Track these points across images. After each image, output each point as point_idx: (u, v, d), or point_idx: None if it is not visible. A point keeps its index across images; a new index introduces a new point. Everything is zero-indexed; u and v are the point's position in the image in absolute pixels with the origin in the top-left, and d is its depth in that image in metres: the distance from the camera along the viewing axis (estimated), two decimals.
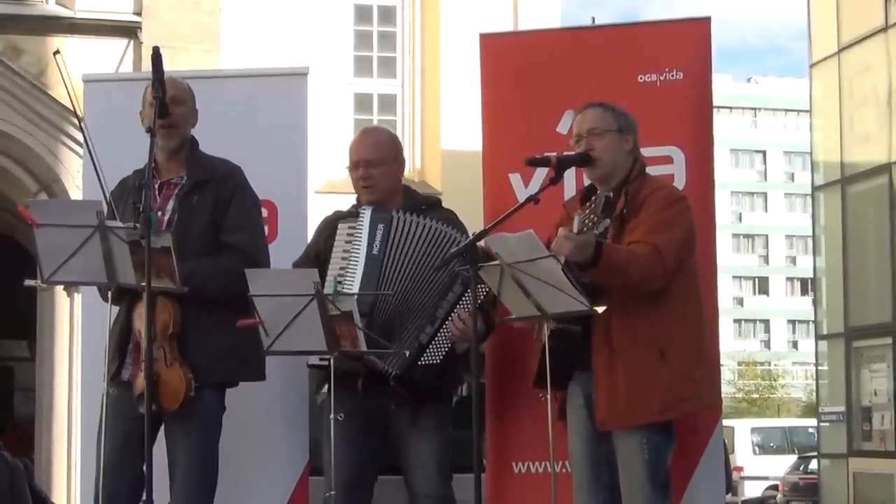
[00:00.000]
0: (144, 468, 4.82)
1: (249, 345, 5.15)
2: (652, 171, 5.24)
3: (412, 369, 5.30)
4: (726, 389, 47.30)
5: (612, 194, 4.91)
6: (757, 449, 28.14)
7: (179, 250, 4.86)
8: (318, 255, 5.50)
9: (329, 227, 5.58)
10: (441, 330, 5.32)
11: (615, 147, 5.07)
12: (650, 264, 4.79)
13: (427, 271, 5.34)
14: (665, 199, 5.00)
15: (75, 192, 12.75)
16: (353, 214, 5.52)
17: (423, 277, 5.35)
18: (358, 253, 5.36)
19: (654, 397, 4.87)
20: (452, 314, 5.30)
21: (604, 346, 4.91)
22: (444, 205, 5.72)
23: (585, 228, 4.60)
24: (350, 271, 5.33)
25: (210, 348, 5.11)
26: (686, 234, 4.99)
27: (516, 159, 5.47)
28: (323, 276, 5.15)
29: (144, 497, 4.78)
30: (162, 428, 5.18)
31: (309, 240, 5.81)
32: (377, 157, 5.52)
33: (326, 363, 5.08)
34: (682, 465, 5.38)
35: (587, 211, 4.64)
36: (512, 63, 6.05)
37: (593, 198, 4.77)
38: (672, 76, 5.83)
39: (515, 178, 5.85)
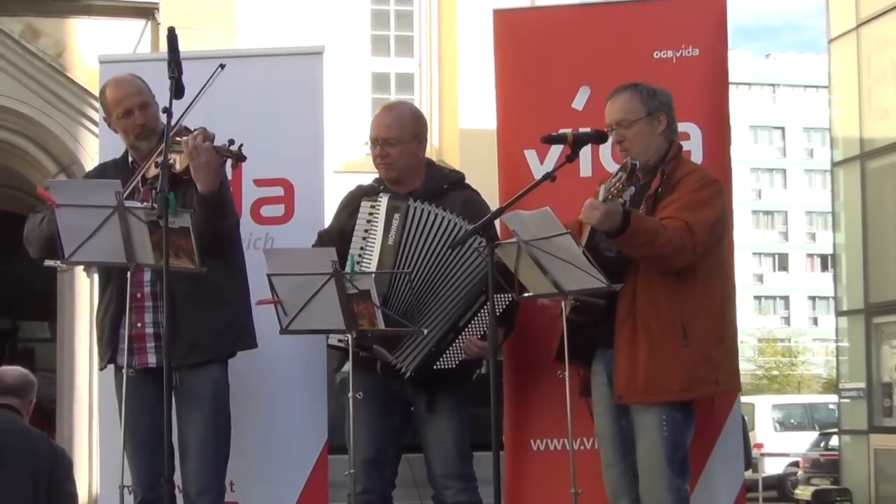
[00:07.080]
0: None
1: (242, 315, 5.24)
2: None
3: (428, 372, 5.31)
4: (746, 366, 47.19)
5: (638, 163, 4.89)
6: (777, 426, 28.01)
7: None
8: (342, 231, 5.48)
9: (353, 202, 5.55)
10: (460, 338, 5.31)
11: (645, 134, 5.08)
12: (679, 238, 4.78)
13: (441, 265, 5.31)
14: (700, 181, 5.00)
15: None
16: (374, 191, 5.50)
17: (437, 271, 5.33)
18: (374, 241, 5.35)
19: (674, 376, 4.87)
20: (467, 339, 5.29)
21: (627, 321, 4.91)
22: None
23: (610, 196, 4.60)
24: (366, 260, 5.32)
25: (210, 323, 5.13)
26: (718, 216, 4.99)
27: (531, 135, 5.47)
28: (345, 254, 5.14)
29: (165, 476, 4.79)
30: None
31: (326, 219, 5.80)
32: (394, 136, 5.47)
33: (345, 345, 5.09)
34: (699, 448, 5.37)
35: (613, 179, 4.65)
36: (526, 38, 6.04)
37: (619, 167, 4.76)
38: (688, 52, 5.81)
39: (531, 155, 5.84)
